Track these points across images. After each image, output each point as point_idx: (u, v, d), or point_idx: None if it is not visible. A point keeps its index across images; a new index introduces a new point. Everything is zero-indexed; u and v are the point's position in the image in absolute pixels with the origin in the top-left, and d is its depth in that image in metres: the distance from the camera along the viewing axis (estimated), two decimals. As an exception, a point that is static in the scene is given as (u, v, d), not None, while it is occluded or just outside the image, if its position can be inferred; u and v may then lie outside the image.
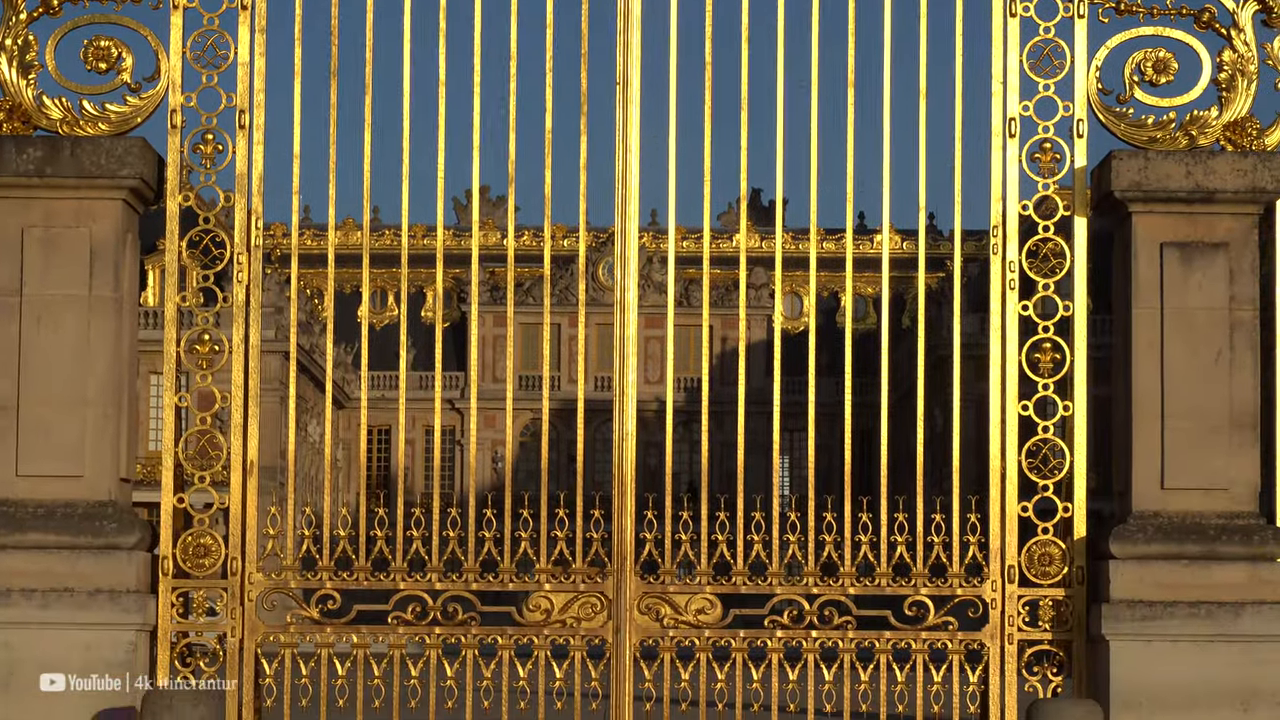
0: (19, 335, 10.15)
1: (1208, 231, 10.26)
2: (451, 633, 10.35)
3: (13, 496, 10.07)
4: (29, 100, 10.21)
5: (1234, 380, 10.23)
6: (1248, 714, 9.95)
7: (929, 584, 10.31)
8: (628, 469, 10.39)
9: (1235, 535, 10.12)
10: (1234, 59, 10.29)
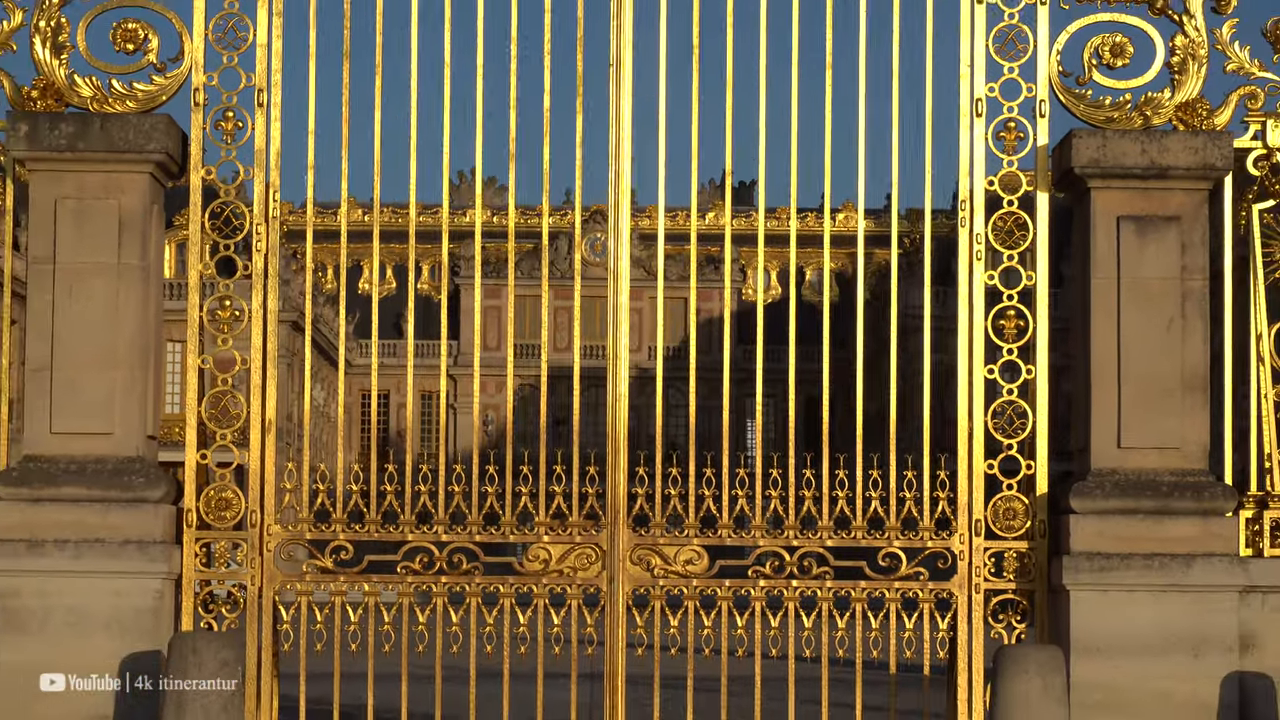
0: (52, 302, 10.14)
1: (1161, 206, 10.27)
2: (456, 581, 10.34)
3: (47, 453, 10.09)
4: (61, 79, 10.19)
5: (1186, 346, 10.22)
6: (1198, 660, 9.97)
7: (901, 537, 10.32)
8: (620, 429, 10.44)
9: (1187, 491, 10.13)
10: (1186, 44, 10.27)
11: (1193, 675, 10.01)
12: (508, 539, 10.40)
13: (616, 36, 10.47)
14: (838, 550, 10.35)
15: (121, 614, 9.95)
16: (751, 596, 10.31)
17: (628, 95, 10.52)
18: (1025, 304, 10.32)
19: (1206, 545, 10.07)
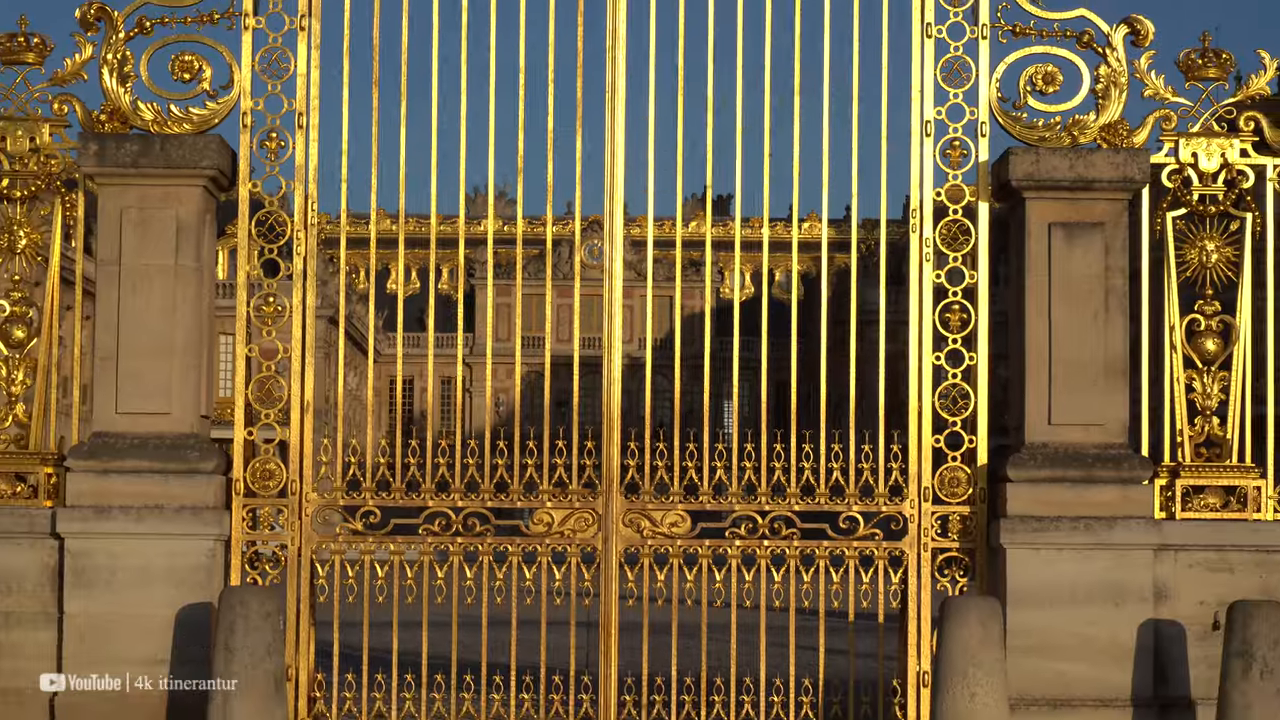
0: (118, 299, 10.42)
1: (1087, 214, 10.56)
2: (470, 542, 10.64)
3: (113, 430, 10.40)
4: (126, 104, 10.45)
5: (1108, 336, 10.55)
6: (1119, 609, 10.30)
7: (859, 502, 10.62)
8: (614, 409, 10.76)
9: (1109, 463, 10.46)
10: (1108, 73, 10.57)
11: (1114, 622, 10.33)
12: (515, 505, 10.72)
13: (612, 68, 10.75)
14: (804, 514, 10.65)
15: (178, 570, 10.27)
16: (728, 555, 10.64)
17: (621, 119, 10.80)
18: (968, 299, 10.63)
19: (1126, 509, 10.40)
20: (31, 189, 10.61)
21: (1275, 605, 9.95)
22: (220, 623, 9.73)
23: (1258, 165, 10.73)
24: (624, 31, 10.80)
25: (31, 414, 10.62)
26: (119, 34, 10.52)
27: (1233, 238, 10.75)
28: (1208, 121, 10.71)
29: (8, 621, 10.17)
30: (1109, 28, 10.62)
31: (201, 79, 10.58)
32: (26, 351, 10.64)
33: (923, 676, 10.47)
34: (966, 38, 10.69)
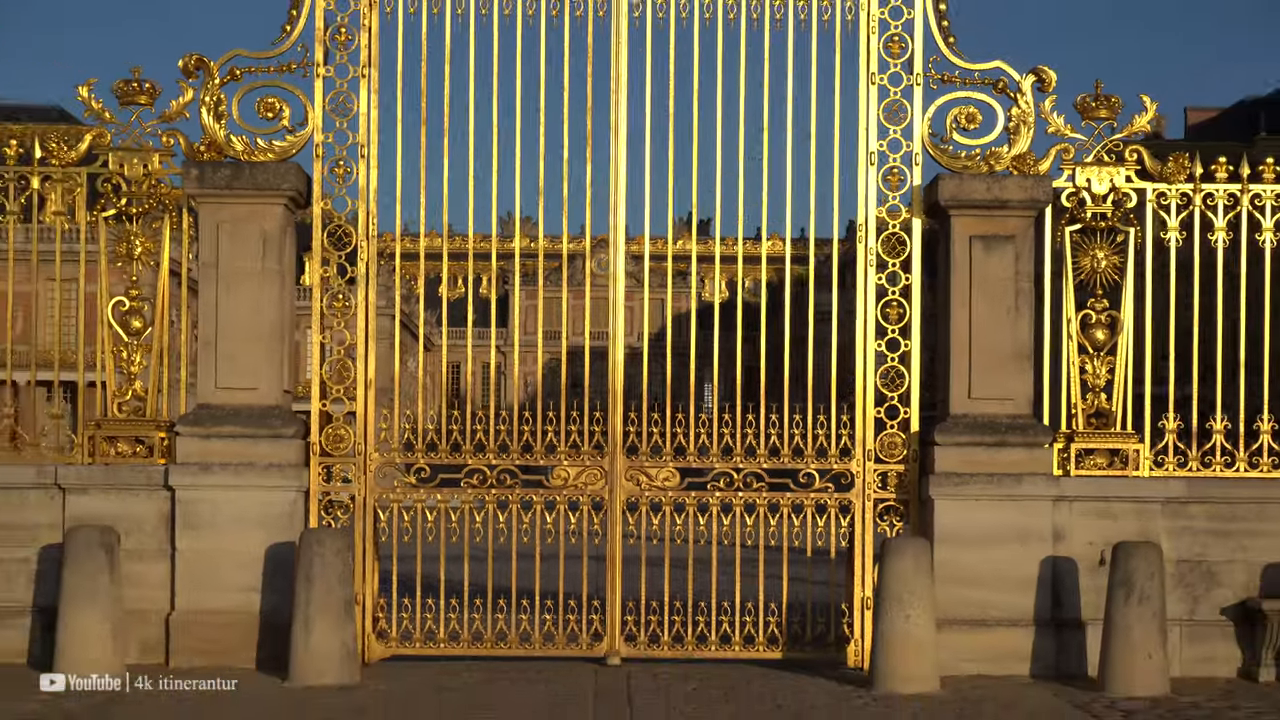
0: (215, 296, 10.61)
1: (1001, 228, 10.72)
2: (502, 493, 10.82)
3: (214, 402, 10.61)
4: (220, 138, 10.61)
5: (1017, 327, 10.73)
6: (1024, 547, 10.52)
7: (815, 461, 10.80)
8: (618, 387, 10.91)
9: (1017, 430, 10.64)
10: (1019, 113, 10.71)
11: (1021, 558, 10.54)
12: (539, 463, 10.85)
13: (615, 110, 10.93)
14: (770, 471, 10.81)
15: (267, 516, 10.48)
16: (710, 503, 10.81)
17: (622, 159, 10.95)
18: (904, 298, 10.77)
19: (1031, 468, 10.59)
20: (145, 206, 10.74)
21: (1151, 545, 10.17)
22: (301, 558, 9.92)
23: (1139, 189, 10.87)
24: (625, 86, 10.95)
25: (147, 389, 10.79)
26: (214, 80, 10.67)
27: (1118, 248, 10.89)
28: (1099, 153, 10.84)
29: (130, 557, 10.32)
30: (1019, 76, 10.77)
31: (282, 117, 10.73)
32: (143, 338, 10.80)
33: (866, 601, 10.63)
34: (904, 84, 10.83)
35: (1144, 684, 9.93)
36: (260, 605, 10.55)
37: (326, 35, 10.83)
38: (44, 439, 11.18)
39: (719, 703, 9.56)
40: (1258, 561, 10.82)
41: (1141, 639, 9.95)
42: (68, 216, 10.97)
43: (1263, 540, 10.86)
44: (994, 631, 10.59)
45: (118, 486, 10.65)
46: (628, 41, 10.94)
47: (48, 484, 10.64)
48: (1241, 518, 10.87)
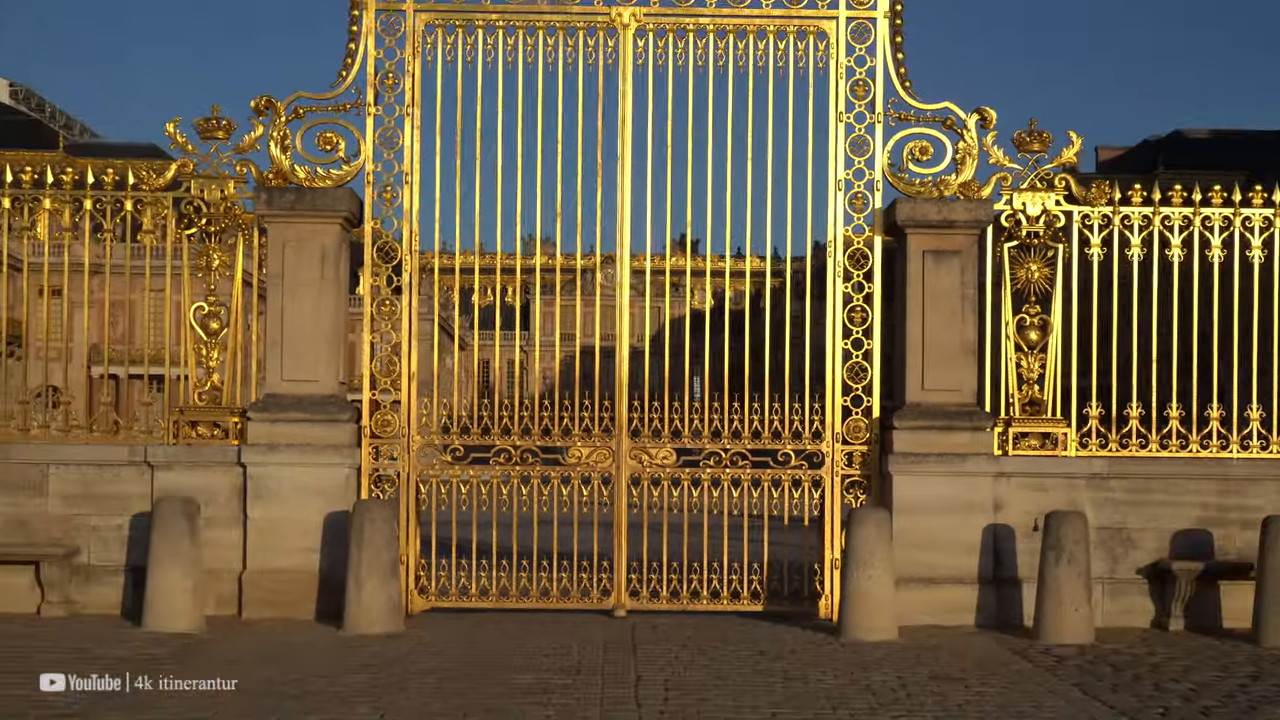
0: (281, 302, 10.49)
1: (949, 244, 10.60)
2: (525, 470, 10.65)
3: (280, 392, 10.47)
4: (286, 167, 10.47)
5: (963, 328, 10.60)
6: (969, 516, 10.39)
7: (792, 443, 10.62)
8: (623, 380, 10.79)
9: (963, 417, 10.53)
10: (964, 146, 10.58)
11: (966, 525, 10.42)
12: (556, 444, 10.71)
13: (621, 145, 10.78)
14: (753, 451, 10.66)
15: (325, 488, 10.35)
16: (702, 478, 10.65)
17: (628, 184, 10.79)
18: (867, 304, 10.63)
19: (974, 448, 10.47)
20: (221, 226, 10.62)
21: (1078, 515, 10.05)
22: (354, 524, 9.81)
23: (1067, 211, 10.72)
24: (630, 124, 10.79)
25: (224, 381, 10.66)
26: (281, 118, 10.55)
27: (1049, 261, 10.74)
28: (1033, 180, 10.69)
29: (208, 524, 10.18)
30: (965, 115, 10.65)
31: (338, 149, 10.60)
32: (219, 338, 10.65)
33: (835, 562, 10.48)
34: (867, 122, 10.68)
35: (1072, 633, 9.81)
36: (319, 565, 10.40)
37: (376, 80, 10.68)
38: (136, 423, 11.02)
39: (711, 648, 9.41)
40: (1168, 529, 10.71)
41: (1070, 594, 9.84)
42: (157, 235, 10.84)
43: (1172, 510, 10.74)
44: (944, 588, 10.45)
45: (198, 463, 10.52)
46: (632, 86, 10.79)
47: (139, 461, 10.53)
48: (1154, 491, 10.74)
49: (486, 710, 7.27)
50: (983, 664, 8.94)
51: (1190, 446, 10.79)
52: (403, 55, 10.71)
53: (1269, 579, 9.94)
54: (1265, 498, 10.64)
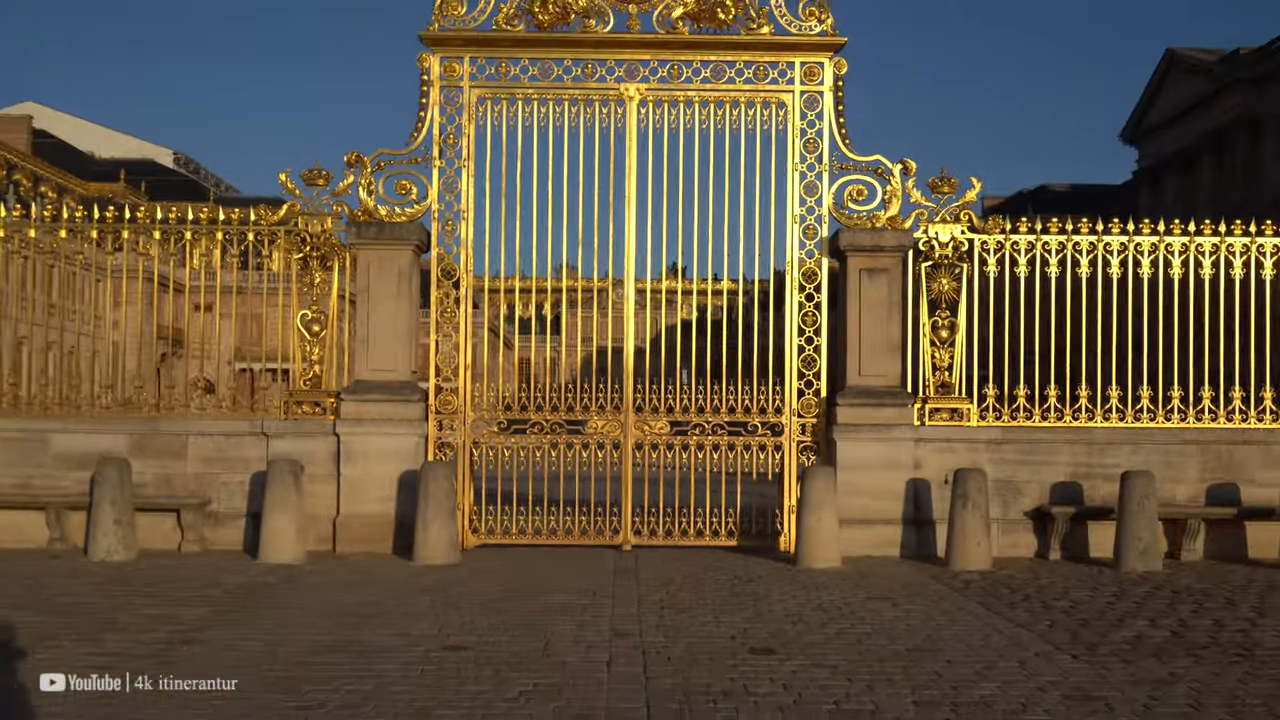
0: (367, 310, 10.11)
1: (879, 264, 10.25)
2: (555, 438, 10.31)
3: (366, 379, 10.13)
4: (371, 206, 10.16)
5: (890, 329, 10.26)
6: (895, 472, 10.08)
7: (759, 416, 10.28)
8: (629, 371, 10.43)
9: (890, 396, 10.17)
10: (891, 189, 10.25)
11: (893, 479, 10.10)
12: (578, 418, 10.36)
13: (628, 193, 10.45)
14: (730, 423, 10.32)
15: (400, 453, 10.01)
16: (690, 444, 10.30)
17: (633, 222, 10.45)
18: (816, 310, 10.29)
19: (899, 420, 10.14)
20: (321, 252, 10.28)
21: (979, 471, 9.74)
22: (421, 480, 9.49)
23: (970, 238, 10.38)
24: (634, 175, 10.45)
25: (322, 371, 10.32)
26: (367, 169, 10.24)
27: (956, 277, 10.39)
28: (943, 215, 10.35)
29: (310, 480, 9.88)
30: (892, 165, 10.33)
31: (410, 193, 10.28)
32: (319, 338, 10.30)
33: (792, 508, 10.12)
34: (817, 170, 10.36)
35: (975, 561, 9.50)
36: (395, 511, 10.05)
37: (440, 139, 10.36)
38: (255, 404, 10.76)
39: (696, 573, 9.11)
40: (1048, 481, 10.38)
41: (973, 532, 9.54)
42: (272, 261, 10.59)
43: (1050, 467, 10.41)
44: (876, 527, 10.12)
45: (302, 434, 10.17)
46: (636, 145, 10.48)
47: (257, 432, 10.21)
48: (1037, 452, 10.41)
49: (524, 624, 6.94)
50: (908, 586, 8.61)
51: (1065, 418, 10.45)
52: (460, 121, 10.38)
53: (1126, 519, 9.67)
54: (1121, 457, 10.31)
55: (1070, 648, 6.46)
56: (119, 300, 11.40)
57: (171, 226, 10.47)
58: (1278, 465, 10.42)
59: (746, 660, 6.05)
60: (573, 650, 6.23)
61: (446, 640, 6.46)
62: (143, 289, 11.13)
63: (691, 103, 10.46)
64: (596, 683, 5.52)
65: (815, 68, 10.43)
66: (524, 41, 10.38)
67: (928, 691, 5.45)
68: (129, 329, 12.15)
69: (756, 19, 10.39)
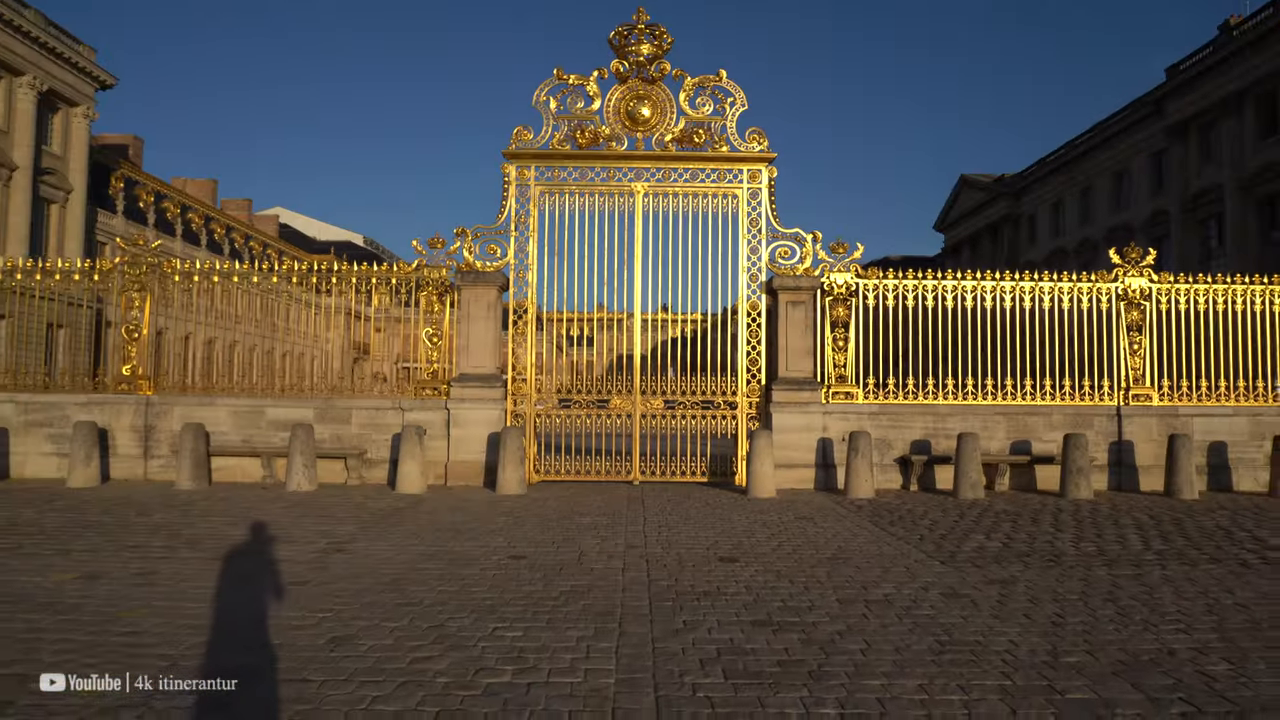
0: (468, 328, 9.22)
1: (800, 298, 9.28)
2: (589, 411, 9.32)
3: (467, 373, 9.17)
4: (470, 261, 9.24)
5: (806, 340, 9.25)
6: (810, 434, 9.01)
7: (721, 398, 9.35)
8: (636, 368, 9.43)
9: (807, 384, 9.20)
10: (806, 250, 9.33)
11: (809, 438, 9.14)
12: (605, 398, 9.40)
13: (635, 250, 9.47)
14: (702, 402, 9.35)
15: (488, 420, 9.08)
16: (676, 415, 9.36)
17: (639, 273, 9.47)
18: (759, 329, 9.36)
19: (813, 400, 9.17)
20: (438, 291, 9.32)
21: (865, 433, 8.74)
22: (501, 439, 8.56)
23: (857, 281, 9.43)
24: (640, 238, 9.49)
25: (439, 368, 9.34)
26: (469, 237, 9.32)
27: (849, 307, 9.39)
28: (840, 266, 9.40)
29: (430, 438, 8.95)
30: (807, 235, 9.41)
31: (496, 253, 9.36)
32: (437, 346, 9.32)
33: (744, 457, 9.15)
34: (759, 238, 9.42)
35: (863, 492, 8.54)
36: (484, 459, 9.11)
37: (516, 218, 9.43)
38: (395, 387, 9.78)
39: (681, 496, 8.21)
40: (908, 439, 9.38)
41: (862, 472, 8.58)
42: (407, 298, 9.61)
43: (909, 430, 9.40)
44: (798, 470, 9.15)
45: (426, 408, 9.20)
46: (640, 222, 9.52)
47: (395, 407, 9.25)
48: (902, 420, 9.41)
49: (564, 538, 5.98)
50: (821, 510, 7.62)
51: (918, 398, 9.45)
52: (528, 207, 9.45)
53: (961, 463, 8.65)
54: (956, 423, 9.34)
55: (938, 555, 5.51)
56: (330, 325, 10.43)
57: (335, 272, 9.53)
58: (1056, 429, 9.46)
59: (718, 567, 5.09)
60: (599, 559, 5.28)
61: (512, 550, 5.51)
62: (343, 319, 10.26)
63: (677, 195, 9.55)
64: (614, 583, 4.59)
65: (756, 172, 9.51)
66: (569, 156, 9.50)
67: (846, 591, 4.52)
68: (336, 343, 11.17)
69: (718, 141, 9.52)
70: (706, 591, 4.47)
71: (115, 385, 9.25)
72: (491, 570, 4.93)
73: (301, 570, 4.79)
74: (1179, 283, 9.61)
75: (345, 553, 5.36)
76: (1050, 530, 6.63)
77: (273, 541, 5.62)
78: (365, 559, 5.14)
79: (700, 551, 5.57)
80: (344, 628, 3.77)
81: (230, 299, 9.75)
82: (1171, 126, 25.99)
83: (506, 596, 4.31)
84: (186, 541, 5.61)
